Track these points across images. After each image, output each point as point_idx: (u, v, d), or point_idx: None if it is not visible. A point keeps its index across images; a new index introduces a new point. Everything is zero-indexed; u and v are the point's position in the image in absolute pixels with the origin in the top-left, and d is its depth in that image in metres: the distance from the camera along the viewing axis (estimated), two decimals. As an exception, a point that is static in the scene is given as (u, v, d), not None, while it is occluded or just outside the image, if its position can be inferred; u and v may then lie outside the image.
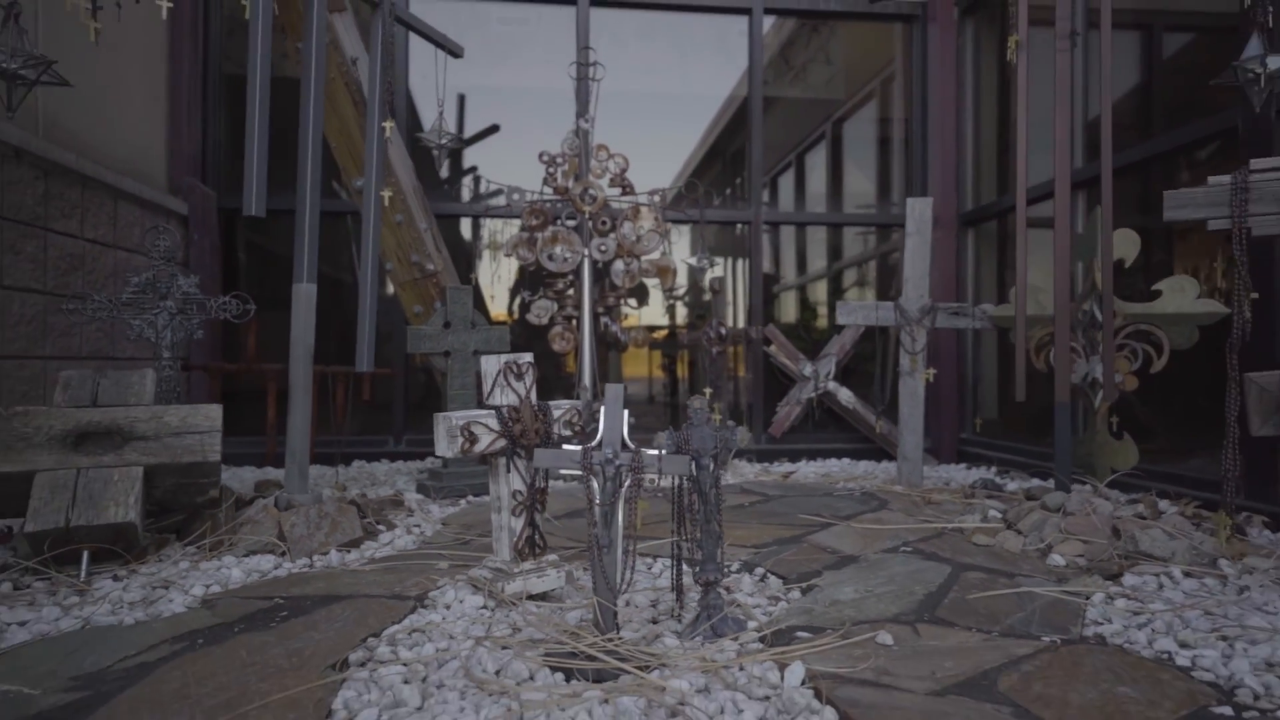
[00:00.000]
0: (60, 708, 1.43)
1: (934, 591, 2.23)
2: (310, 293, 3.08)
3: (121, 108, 4.33)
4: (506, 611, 1.98)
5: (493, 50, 5.73)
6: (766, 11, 5.70)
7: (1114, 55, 2.74)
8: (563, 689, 1.50)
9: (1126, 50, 4.27)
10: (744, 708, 1.43)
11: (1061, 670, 1.65)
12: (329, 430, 4.70)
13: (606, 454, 1.82)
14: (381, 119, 3.29)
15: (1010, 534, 2.83)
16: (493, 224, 5.68)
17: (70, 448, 2.55)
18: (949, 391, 5.38)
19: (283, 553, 2.63)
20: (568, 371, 5.41)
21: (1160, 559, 2.42)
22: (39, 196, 3.54)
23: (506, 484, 2.14)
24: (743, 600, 2.14)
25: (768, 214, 5.79)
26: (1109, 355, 2.95)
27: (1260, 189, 1.84)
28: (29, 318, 3.49)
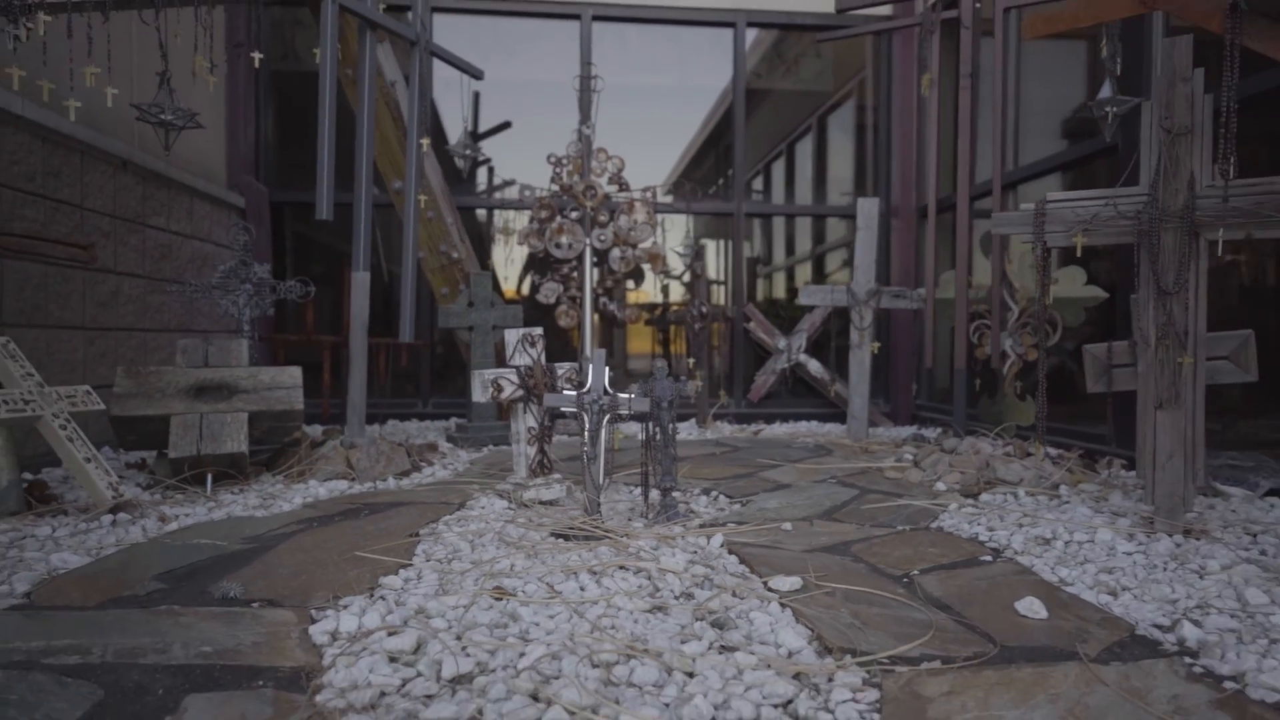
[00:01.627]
0: (244, 551, 2.26)
1: (837, 505, 3.04)
2: (365, 279, 3.88)
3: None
4: (524, 510, 2.79)
5: (504, 46, 6.42)
6: (749, 25, 6.41)
7: (1055, 66, 3.49)
8: (563, 545, 2.31)
9: (1072, 62, 4.97)
10: (678, 554, 2.23)
11: (898, 541, 2.45)
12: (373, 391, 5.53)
13: (593, 396, 2.62)
14: (419, 137, 4.06)
15: (914, 470, 3.63)
16: (504, 213, 6.46)
17: (193, 397, 3.37)
18: (905, 364, 6.15)
19: (352, 478, 3.45)
20: (573, 346, 6.20)
21: (1012, 484, 3.22)
22: (139, 198, 4.34)
23: (523, 422, 2.95)
24: (697, 509, 2.94)
25: (749, 206, 6.54)
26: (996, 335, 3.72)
27: (1053, 214, 2.60)
28: (135, 298, 4.31)
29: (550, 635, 1.58)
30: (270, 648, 1.54)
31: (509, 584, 1.91)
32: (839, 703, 1.33)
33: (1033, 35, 2.31)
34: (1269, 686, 1.38)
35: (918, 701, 1.35)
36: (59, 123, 3.57)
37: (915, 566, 2.17)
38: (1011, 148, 5.21)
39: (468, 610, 1.72)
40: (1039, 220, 2.59)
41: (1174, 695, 1.37)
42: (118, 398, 3.21)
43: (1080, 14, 2.27)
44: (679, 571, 2.03)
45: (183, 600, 1.83)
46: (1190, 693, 1.38)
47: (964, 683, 1.42)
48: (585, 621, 1.67)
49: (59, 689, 1.34)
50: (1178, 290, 2.38)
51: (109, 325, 4.10)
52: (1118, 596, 1.90)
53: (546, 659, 1.46)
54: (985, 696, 1.37)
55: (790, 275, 7.63)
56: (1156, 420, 2.45)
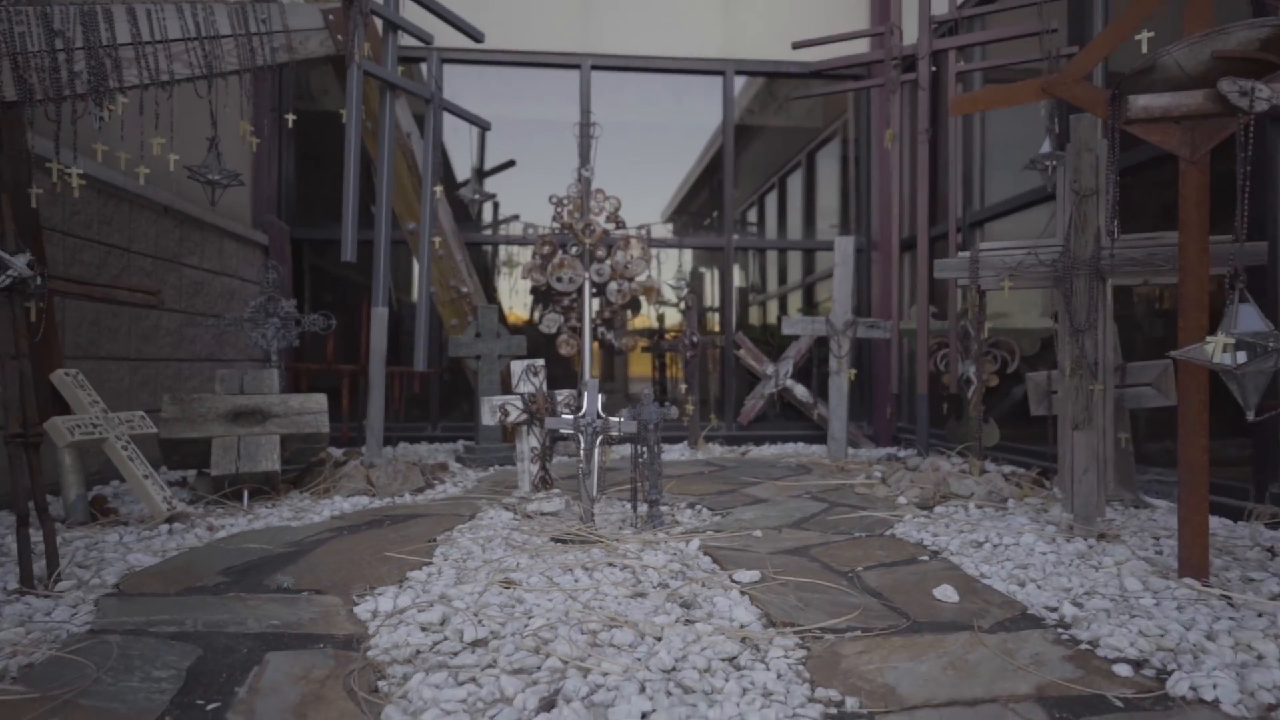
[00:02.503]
0: (288, 553, 2.64)
1: (806, 516, 3.41)
2: (383, 314, 4.29)
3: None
4: (527, 520, 3.17)
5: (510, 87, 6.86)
6: (737, 73, 6.87)
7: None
8: (561, 548, 2.69)
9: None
10: (659, 555, 2.61)
11: (852, 545, 2.83)
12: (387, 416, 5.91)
13: (588, 420, 3.01)
14: (433, 185, 4.49)
15: (881, 486, 4.00)
16: (508, 246, 6.88)
17: (231, 421, 3.76)
18: (885, 389, 6.53)
19: (372, 494, 3.83)
20: (574, 372, 6.60)
21: (964, 498, 3.59)
22: (177, 240, 4.77)
23: (527, 442, 3.34)
24: (681, 519, 3.32)
25: (739, 241, 6.97)
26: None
27: (985, 260, 3.00)
28: (172, 330, 4.72)
29: (549, 612, 1.96)
30: (324, 622, 1.93)
31: (515, 577, 2.29)
32: (773, 658, 1.70)
33: (957, 112, 2.72)
34: (1113, 646, 1.75)
35: (835, 658, 1.73)
36: (112, 175, 4.00)
37: (861, 565, 2.55)
38: (978, 188, 5.63)
39: (481, 595, 2.10)
40: (973, 266, 2.99)
41: (1037, 653, 1.75)
42: (165, 422, 3.60)
43: (994, 98, 2.68)
44: (658, 567, 2.41)
45: (245, 590, 2.21)
46: (1050, 651, 1.76)
47: (874, 645, 1.80)
48: (577, 603, 2.04)
49: (167, 648, 1.73)
50: (1088, 327, 2.77)
51: (150, 356, 4.50)
52: (1024, 586, 2.27)
53: (545, 628, 1.84)
54: (888, 654, 1.74)
55: (783, 303, 8.03)
56: (1073, 440, 2.83)
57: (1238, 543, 2.71)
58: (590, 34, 6.66)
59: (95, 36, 2.68)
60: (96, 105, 2.65)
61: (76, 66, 2.59)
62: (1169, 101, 1.92)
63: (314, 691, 1.53)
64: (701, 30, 6.78)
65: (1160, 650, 1.73)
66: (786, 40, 6.56)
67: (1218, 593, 2.09)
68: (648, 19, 6.73)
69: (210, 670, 1.62)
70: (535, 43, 6.58)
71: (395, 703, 1.47)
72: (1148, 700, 1.52)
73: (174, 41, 3.07)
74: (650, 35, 6.72)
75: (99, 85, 2.65)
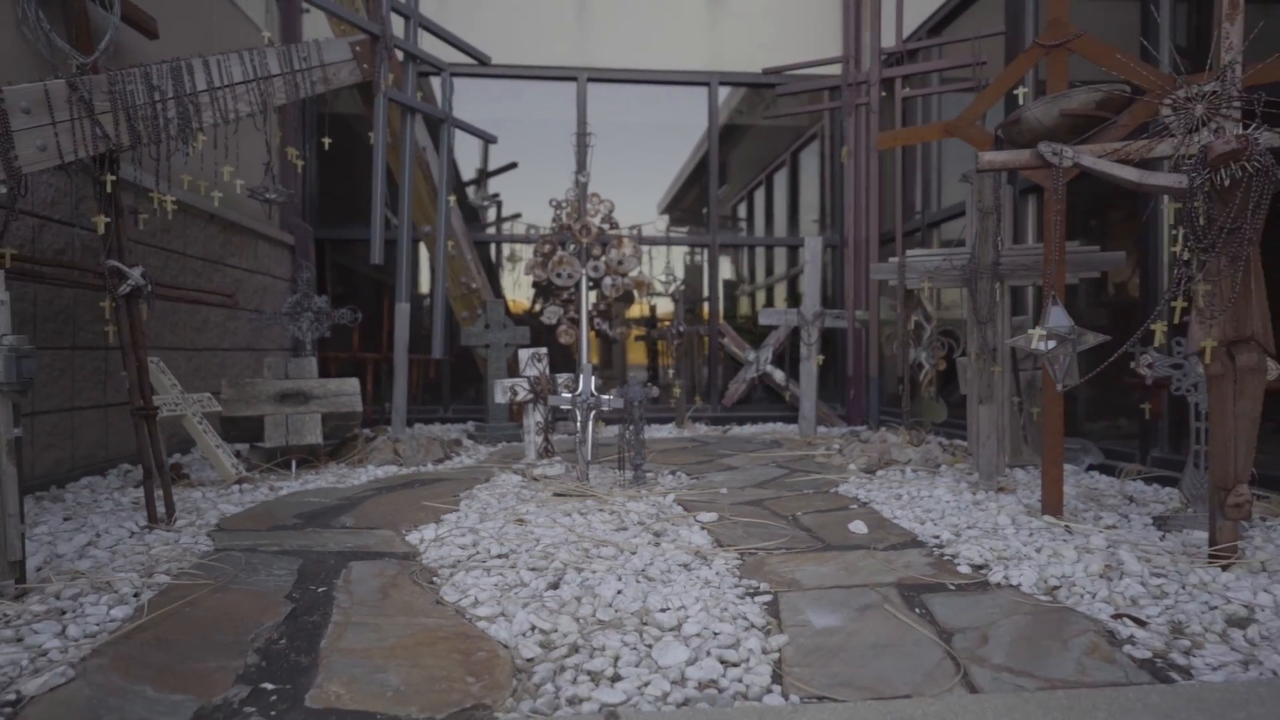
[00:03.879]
0: (342, 504, 3.28)
1: (768, 479, 4.06)
2: (405, 310, 4.93)
3: (255, 168, 6.16)
4: (533, 482, 3.82)
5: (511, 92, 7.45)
6: (721, 84, 7.47)
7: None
8: (561, 500, 3.34)
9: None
10: (641, 504, 3.26)
11: (799, 498, 3.47)
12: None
13: (583, 398, 3.65)
14: (447, 194, 5.11)
15: (837, 456, 4.65)
16: (511, 244, 7.51)
17: (279, 401, 4.40)
18: (859, 374, 7.17)
19: (400, 464, 4.48)
20: (573, 358, 7.23)
21: (902, 464, 4.24)
22: (221, 244, 5.40)
23: (533, 417, 3.98)
24: (662, 482, 3.97)
25: (723, 238, 7.59)
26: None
27: (911, 265, 3.63)
28: (217, 324, 5.35)
29: (553, 538, 2.61)
30: (385, 545, 2.58)
31: (526, 517, 2.94)
32: (716, 565, 2.35)
33: (882, 147, 3.35)
34: (966, 557, 2.40)
35: (761, 564, 2.38)
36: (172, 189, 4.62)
37: (801, 511, 3.20)
38: (936, 193, 6.26)
39: (501, 529, 2.75)
40: (901, 270, 3.63)
41: (909, 561, 2.40)
42: (225, 402, 4.24)
43: (910, 136, 3.30)
44: (639, 513, 3.06)
45: (317, 527, 2.86)
46: (919, 560, 2.41)
47: (793, 558, 2.45)
48: (574, 533, 2.70)
49: (276, 559, 2.38)
50: (989, 320, 3.41)
51: (201, 346, 5.14)
52: (923, 524, 2.92)
53: (551, 546, 2.49)
54: (801, 563, 2.39)
55: (769, 294, 8.66)
56: (979, 413, 3.48)
57: (1107, 492, 3.36)
58: (586, 49, 7.26)
59: (181, 87, 3.30)
60: (184, 144, 3.27)
61: (169, 113, 3.20)
62: (1006, 157, 2.55)
63: (389, 581, 2.18)
64: (688, 45, 7.37)
65: (1000, 559, 2.38)
66: (766, 55, 7.17)
67: (1063, 524, 2.74)
68: (639, 35, 7.32)
69: (312, 572, 2.28)
70: (535, 57, 7.18)
71: (447, 588, 2.12)
72: (973, 585, 2.17)
73: (237, 84, 3.69)
74: (641, 49, 7.31)
75: (185, 127, 3.27)
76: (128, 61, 4.24)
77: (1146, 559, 2.28)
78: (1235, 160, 2.01)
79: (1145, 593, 2.02)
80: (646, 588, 2.09)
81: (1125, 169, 2.26)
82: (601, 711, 1.42)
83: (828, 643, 1.76)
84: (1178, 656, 1.67)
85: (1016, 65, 2.95)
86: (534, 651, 1.69)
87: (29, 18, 3.57)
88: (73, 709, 1.42)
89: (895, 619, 1.91)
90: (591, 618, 1.88)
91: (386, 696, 1.48)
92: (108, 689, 1.50)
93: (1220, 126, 2.17)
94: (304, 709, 1.45)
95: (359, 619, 1.89)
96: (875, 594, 2.10)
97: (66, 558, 2.32)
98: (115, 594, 2.00)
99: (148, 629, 1.80)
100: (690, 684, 1.54)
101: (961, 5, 5.70)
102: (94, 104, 2.87)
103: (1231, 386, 2.17)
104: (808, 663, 1.66)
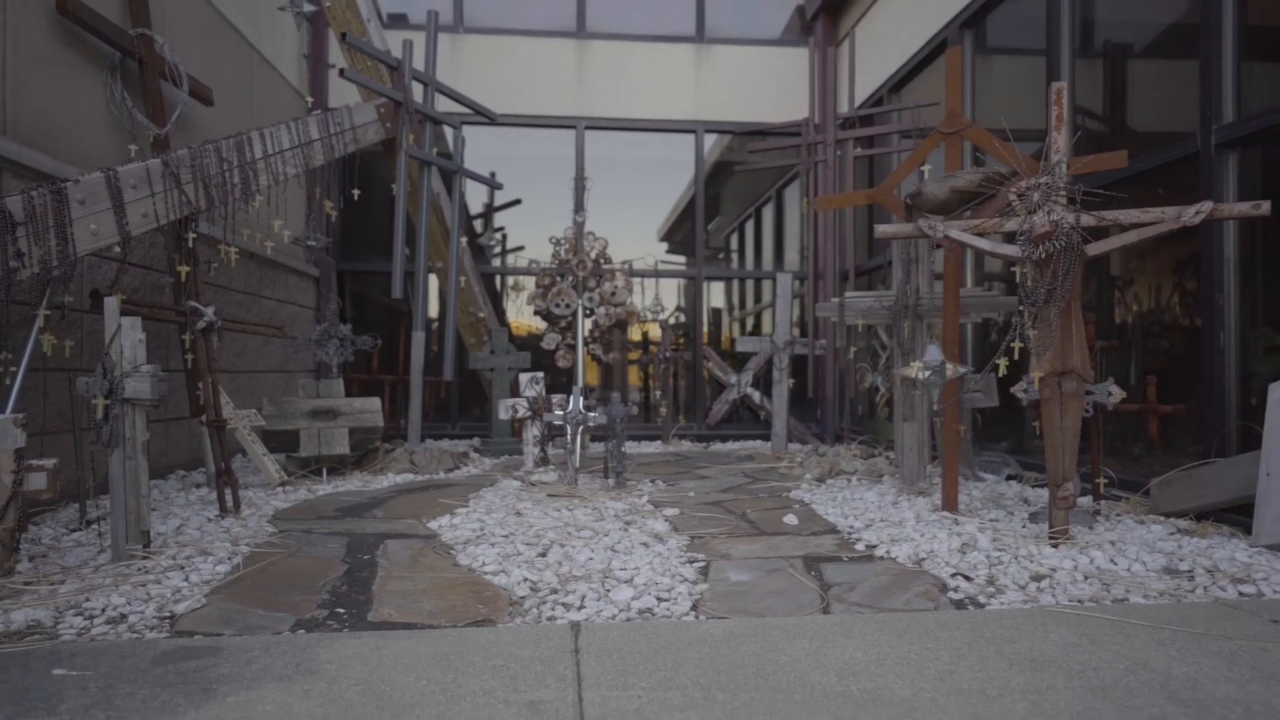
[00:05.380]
0: (372, 502, 3.96)
1: (733, 486, 4.73)
2: (421, 338, 5.63)
3: (296, 215, 6.90)
4: (531, 487, 4.50)
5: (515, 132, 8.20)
6: (707, 131, 8.23)
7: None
8: (554, 500, 4.02)
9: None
10: (620, 503, 3.93)
11: (753, 500, 4.14)
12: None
13: (573, 415, 4.34)
14: (459, 236, 5.83)
15: (797, 467, 5.32)
16: (514, 276, 8.23)
17: (311, 417, 5.09)
18: (832, 396, 7.85)
19: (416, 472, 5.16)
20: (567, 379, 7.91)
21: (850, 474, 4.91)
22: (258, 278, 6.12)
23: (531, 431, 4.67)
24: (641, 488, 4.64)
25: (708, 271, 8.31)
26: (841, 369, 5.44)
27: (849, 304, 4.31)
28: (253, 349, 6.06)
29: (544, 525, 3.29)
30: (411, 530, 3.26)
31: (523, 511, 3.61)
32: (670, 543, 3.02)
33: (821, 209, 4.06)
34: (866, 540, 3.07)
35: (705, 543, 3.05)
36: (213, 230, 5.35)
37: (750, 509, 3.87)
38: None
39: (503, 519, 3.43)
40: (841, 309, 4.32)
41: (820, 543, 3.07)
42: (267, 417, 4.94)
43: (843, 201, 4.01)
44: (617, 509, 3.74)
45: (355, 517, 3.54)
46: (830, 542, 3.08)
47: (731, 540, 3.12)
48: (561, 522, 3.37)
49: (329, 537, 3.06)
50: (910, 351, 4.10)
51: (240, 369, 5.85)
52: (846, 518, 3.59)
53: (541, 530, 3.17)
54: (736, 543, 3.07)
55: (757, 319, 9.34)
56: (904, 429, 4.16)
57: (1007, 495, 4.03)
58: (584, 100, 8.02)
59: (243, 156, 4.02)
60: (245, 203, 3.99)
61: (234, 179, 3.92)
62: (895, 229, 3.25)
63: (417, 552, 2.86)
64: (677, 97, 8.13)
65: (892, 541, 3.05)
66: (746, 105, 7.93)
67: (953, 518, 3.41)
68: (632, 88, 8.08)
69: (358, 546, 2.96)
70: (539, 108, 7.94)
71: (461, 555, 2.80)
72: (861, 558, 2.84)
73: (285, 151, 4.42)
74: (634, 101, 8.07)
75: (247, 189, 4.00)
76: (191, 127, 4.98)
77: (1000, 540, 2.95)
78: (1049, 238, 2.70)
79: (985, 561, 2.69)
80: (611, 556, 2.77)
81: (980, 240, 2.96)
82: (569, 624, 2.09)
83: (738, 590, 2.44)
84: (982, 599, 2.34)
85: (921, 148, 3.66)
86: (525, 592, 2.37)
87: (115, 96, 4.31)
88: (210, 620, 2.11)
89: (793, 577, 2.58)
90: (568, 574, 2.56)
91: (423, 615, 2.16)
92: (230, 610, 2.18)
93: (1052, 209, 2.87)
94: (367, 622, 2.13)
95: (397, 574, 2.57)
96: (785, 563, 2.77)
97: (168, 535, 3.01)
98: (215, 556, 2.69)
99: (245, 579, 2.48)
100: (633, 611, 2.22)
101: (921, 65, 6.43)
102: (180, 176, 3.60)
103: (1058, 407, 2.86)
104: (719, 600, 2.33)
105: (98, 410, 2.50)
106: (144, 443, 2.59)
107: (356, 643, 1.90)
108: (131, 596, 2.24)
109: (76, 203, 3.00)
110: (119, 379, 2.49)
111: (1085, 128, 4.53)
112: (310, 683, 1.66)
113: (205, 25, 5.41)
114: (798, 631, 1.99)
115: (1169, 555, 2.74)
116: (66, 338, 3.12)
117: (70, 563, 2.58)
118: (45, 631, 2.01)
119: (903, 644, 1.89)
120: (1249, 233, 3.48)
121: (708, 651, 1.85)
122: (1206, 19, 3.51)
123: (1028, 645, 1.88)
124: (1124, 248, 3.05)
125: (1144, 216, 2.81)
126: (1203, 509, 3.29)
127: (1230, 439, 3.41)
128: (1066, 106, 2.95)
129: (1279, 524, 2.84)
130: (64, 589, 2.28)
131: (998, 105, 5.31)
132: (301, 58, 7.02)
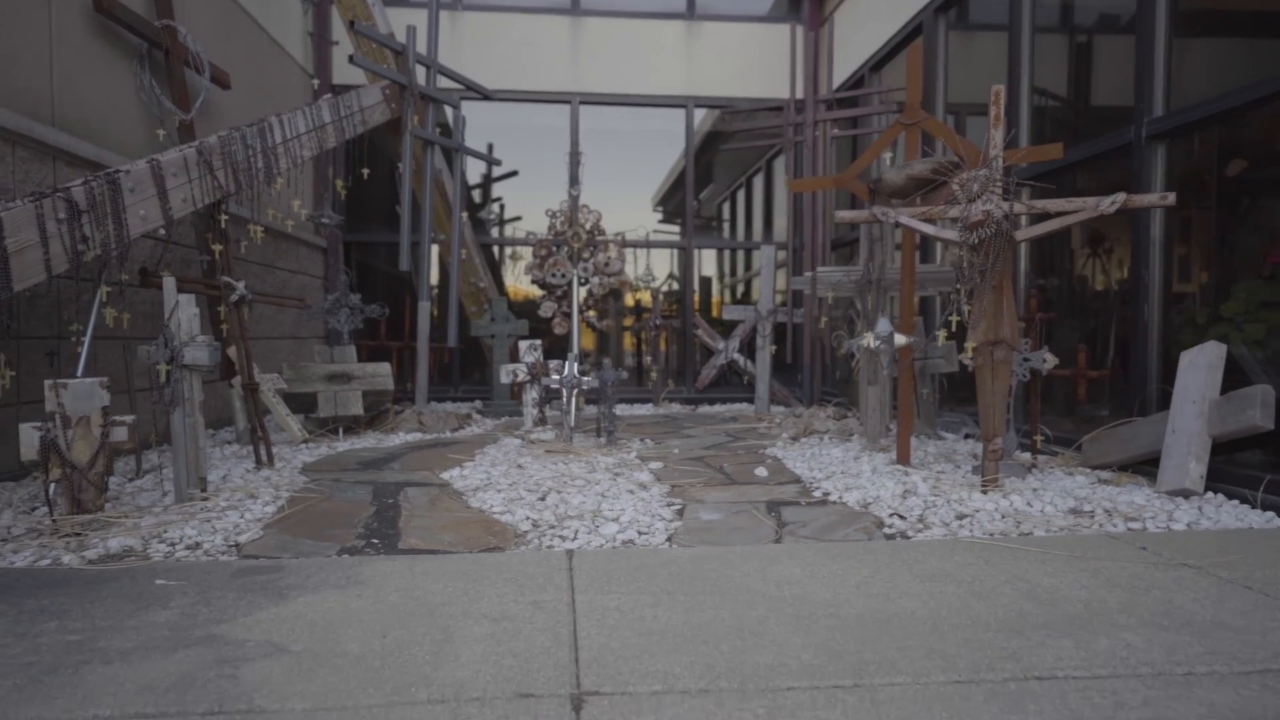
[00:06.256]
0: (388, 457, 4.41)
1: (715, 444, 5.18)
2: (426, 307, 6.04)
3: (300, 188, 7.25)
4: (530, 444, 4.95)
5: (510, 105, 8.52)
6: (697, 106, 8.54)
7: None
8: (551, 455, 4.46)
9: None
10: (610, 458, 4.38)
11: (731, 456, 4.59)
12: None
13: (568, 378, 4.77)
14: (460, 210, 6.20)
15: (775, 428, 5.78)
16: (512, 246, 8.60)
17: (328, 380, 5.52)
18: (816, 362, 8.29)
19: (424, 431, 5.60)
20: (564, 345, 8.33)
21: (822, 432, 5.37)
22: (273, 250, 6.50)
23: (530, 394, 5.11)
24: (630, 445, 5.09)
25: (698, 241, 8.69)
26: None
27: (820, 278, 4.72)
28: (268, 317, 6.46)
29: (542, 475, 3.74)
30: (426, 479, 3.71)
31: (523, 464, 4.06)
32: (653, 490, 3.47)
33: (795, 190, 4.45)
34: (823, 489, 3.53)
35: (683, 490, 3.50)
36: (240, 210, 5.72)
37: (727, 464, 4.32)
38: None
39: (506, 471, 3.88)
40: (813, 282, 4.74)
41: (784, 490, 3.52)
42: (287, 380, 5.36)
43: (814, 184, 4.39)
44: (608, 463, 4.19)
45: (375, 469, 3.98)
46: (791, 490, 3.53)
47: (706, 488, 3.58)
48: (557, 473, 3.82)
49: (356, 485, 3.51)
50: (874, 321, 4.52)
51: (257, 335, 6.26)
52: (811, 471, 4.04)
53: (540, 480, 3.62)
54: (711, 490, 3.52)
55: (747, 287, 9.74)
56: (868, 392, 4.59)
57: (959, 451, 4.49)
58: (579, 76, 8.31)
59: (265, 142, 4.38)
60: (268, 185, 4.37)
61: (259, 163, 4.29)
62: (852, 215, 3.65)
63: (434, 497, 3.31)
64: (668, 73, 8.42)
65: (846, 489, 3.51)
66: (734, 81, 8.24)
67: (904, 469, 3.87)
68: (625, 64, 8.37)
69: (381, 492, 3.41)
70: (536, 84, 8.24)
71: (472, 499, 3.25)
72: (816, 503, 3.30)
73: (302, 135, 4.78)
74: (627, 76, 8.37)
75: (269, 172, 4.37)
76: (209, 110, 5.33)
77: (938, 488, 3.40)
78: (981, 225, 3.11)
79: (920, 504, 3.15)
80: (601, 501, 3.22)
81: (926, 225, 3.37)
82: (565, 551, 2.54)
83: (707, 526, 2.89)
84: (911, 533, 2.80)
85: (884, 137, 4.04)
86: (528, 528, 2.82)
87: (144, 84, 4.66)
88: (270, 547, 2.56)
89: (755, 517, 3.04)
90: (564, 514, 3.01)
91: (444, 544, 2.62)
92: (284, 540, 2.63)
93: (989, 199, 3.27)
94: (398, 549, 2.58)
95: (419, 513, 3.02)
96: (750, 506, 3.23)
97: (217, 483, 3.45)
98: (261, 499, 3.14)
99: (291, 517, 2.93)
100: (618, 542, 2.67)
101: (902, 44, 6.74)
102: (213, 163, 3.98)
103: (990, 372, 3.29)
104: (690, 534, 2.79)
105: (161, 374, 2.92)
106: (200, 402, 3.01)
107: (393, 563, 2.35)
108: (201, 529, 2.69)
109: (128, 191, 3.39)
110: (179, 347, 2.91)
111: (1048, 108, 4.89)
112: (360, 590, 2.11)
113: (219, 10, 5.72)
114: (751, 555, 2.45)
115: (1080, 500, 3.20)
116: (125, 311, 3.52)
117: (142, 503, 3.02)
118: (138, 555, 2.46)
119: (834, 564, 2.35)
120: (1169, 217, 3.88)
121: (675, 570, 2.30)
122: (1142, 9, 3.86)
123: (934, 565, 2.34)
124: (1064, 230, 3.46)
125: (1067, 205, 3.22)
126: (1123, 462, 3.75)
127: (1149, 400, 3.86)
128: (1003, 106, 3.34)
129: (1178, 473, 3.30)
130: (144, 523, 2.73)
131: (978, 79, 5.65)
132: (306, 36, 7.31)
